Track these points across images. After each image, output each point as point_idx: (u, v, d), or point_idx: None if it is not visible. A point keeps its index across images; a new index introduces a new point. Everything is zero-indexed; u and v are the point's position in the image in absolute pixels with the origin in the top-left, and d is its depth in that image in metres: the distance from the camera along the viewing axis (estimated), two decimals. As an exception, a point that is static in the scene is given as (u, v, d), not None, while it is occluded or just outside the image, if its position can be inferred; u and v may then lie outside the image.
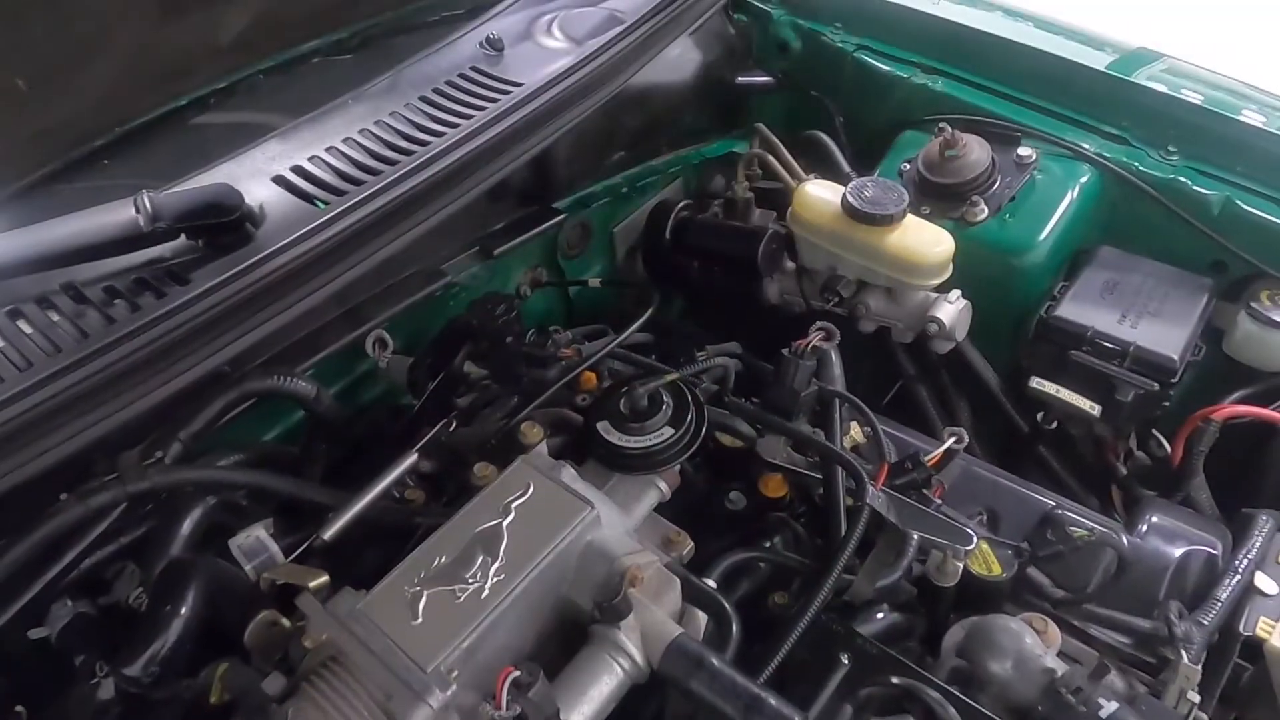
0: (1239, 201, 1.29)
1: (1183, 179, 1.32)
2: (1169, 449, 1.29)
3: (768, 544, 1.03)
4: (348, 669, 0.73)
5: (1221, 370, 1.33)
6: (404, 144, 1.09)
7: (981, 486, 1.12)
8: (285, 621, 0.79)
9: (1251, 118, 1.31)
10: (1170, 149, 1.34)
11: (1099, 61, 1.43)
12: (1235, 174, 1.30)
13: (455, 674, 0.73)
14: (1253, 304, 1.27)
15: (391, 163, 1.06)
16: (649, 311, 1.17)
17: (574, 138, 1.30)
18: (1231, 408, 1.20)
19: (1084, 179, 1.37)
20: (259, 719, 0.72)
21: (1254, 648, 0.98)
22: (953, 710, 0.81)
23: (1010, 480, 1.12)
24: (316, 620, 0.76)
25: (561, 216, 1.37)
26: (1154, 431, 1.33)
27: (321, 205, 1.02)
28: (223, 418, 1.00)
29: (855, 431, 1.15)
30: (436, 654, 0.73)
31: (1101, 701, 0.80)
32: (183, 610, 0.82)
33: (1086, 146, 1.37)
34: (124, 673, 0.79)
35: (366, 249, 1.01)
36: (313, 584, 0.81)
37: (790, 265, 1.42)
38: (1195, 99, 1.35)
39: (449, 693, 0.71)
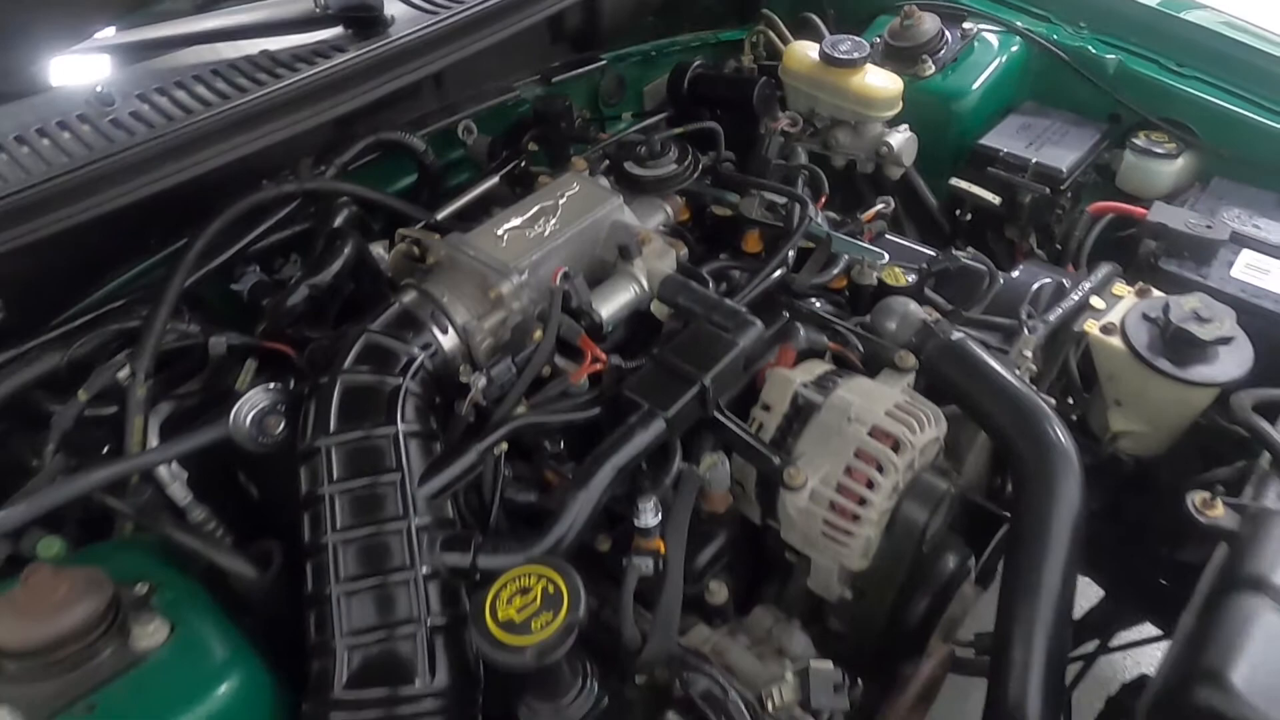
0: (1128, 64, 1.66)
1: (1089, 47, 1.69)
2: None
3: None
4: (457, 266, 1.14)
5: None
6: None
7: (906, 252, 1.50)
8: (416, 250, 1.20)
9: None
10: (1081, 24, 1.72)
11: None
12: (1129, 42, 1.67)
13: (526, 272, 1.13)
14: (1134, 140, 1.64)
15: (481, -7, 1.47)
16: (669, 111, 1.57)
17: (614, -1, 1.71)
18: (1105, 204, 1.56)
19: (1013, 48, 1.75)
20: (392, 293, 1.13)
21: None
22: (855, 340, 1.20)
23: (928, 248, 1.51)
24: (435, 246, 1.17)
25: (603, 62, 1.77)
26: (1057, 244, 1.70)
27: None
28: (362, 158, 1.41)
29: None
30: (515, 260, 1.14)
31: (953, 331, 1.19)
32: (345, 250, 1.24)
33: (1017, 23, 1.75)
34: (312, 281, 1.21)
35: (459, 43, 1.41)
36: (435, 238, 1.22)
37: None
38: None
39: (524, 276, 1.12)
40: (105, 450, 1.09)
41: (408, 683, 0.88)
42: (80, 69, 1.51)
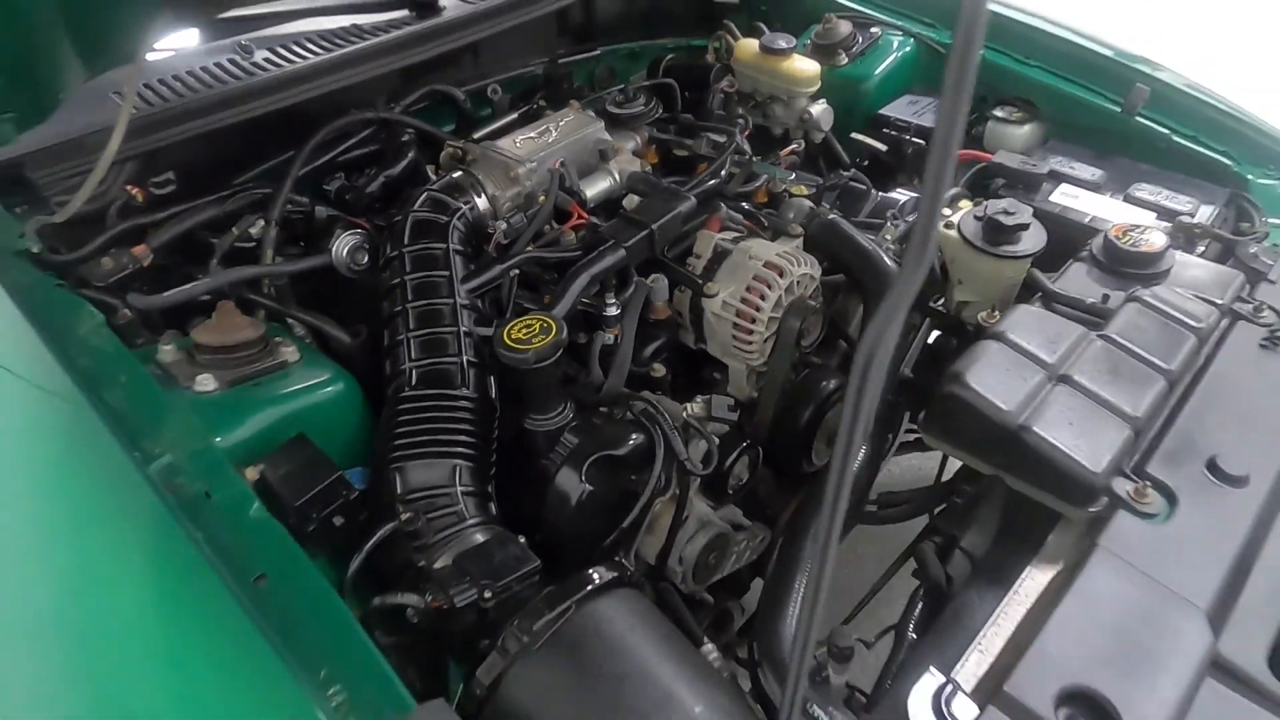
0: (989, 56, 2.20)
1: (962, 45, 2.24)
2: (942, 196, 2.18)
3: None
4: (488, 159, 1.66)
5: (986, 164, 2.23)
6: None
7: (812, 181, 2.02)
8: (459, 153, 1.72)
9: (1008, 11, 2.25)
10: (958, 29, 2.27)
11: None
12: (991, 41, 2.22)
13: (535, 163, 1.65)
14: (994, 112, 2.17)
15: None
16: (648, 76, 2.12)
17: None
18: (962, 152, 2.09)
19: (907, 48, 2.30)
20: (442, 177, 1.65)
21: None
22: (764, 221, 1.72)
23: (832, 182, 2.03)
24: (472, 149, 1.70)
25: (597, 52, 2.32)
26: (940, 193, 2.22)
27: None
28: (419, 104, 1.95)
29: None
30: (528, 158, 1.66)
31: (831, 214, 1.71)
32: (410, 154, 1.76)
33: (911, 28, 2.31)
34: (386, 172, 1.73)
35: (489, 23, 1.97)
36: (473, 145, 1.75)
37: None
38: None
39: (534, 165, 1.64)
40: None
41: (453, 388, 1.37)
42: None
